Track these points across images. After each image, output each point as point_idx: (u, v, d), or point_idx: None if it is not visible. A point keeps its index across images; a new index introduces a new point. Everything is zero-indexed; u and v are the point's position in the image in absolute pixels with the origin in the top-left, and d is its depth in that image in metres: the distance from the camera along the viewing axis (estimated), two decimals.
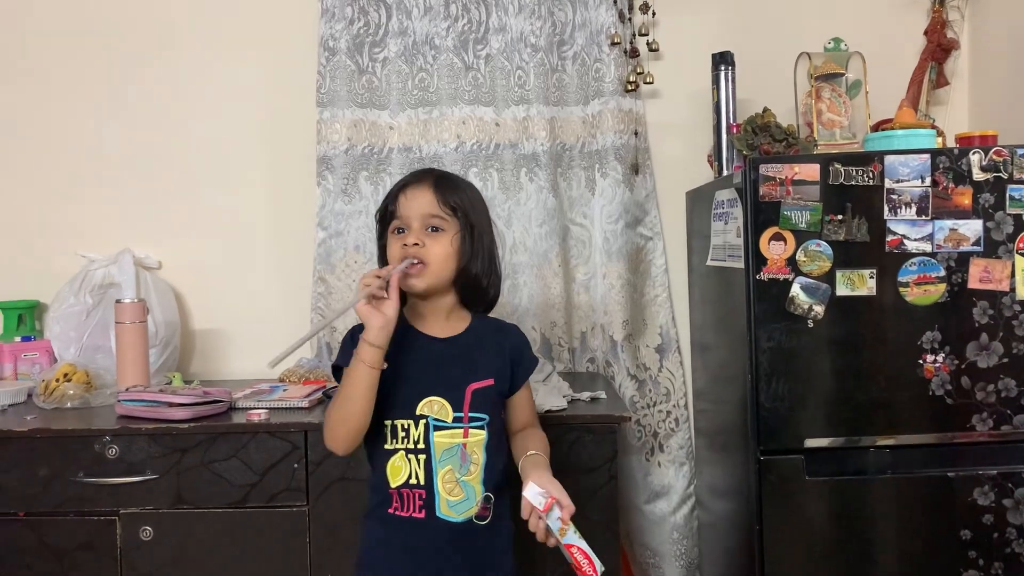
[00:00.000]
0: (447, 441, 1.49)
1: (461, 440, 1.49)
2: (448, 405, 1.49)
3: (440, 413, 1.49)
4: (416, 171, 1.62)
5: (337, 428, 1.45)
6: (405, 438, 1.49)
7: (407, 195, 1.52)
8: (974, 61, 2.58)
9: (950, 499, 1.92)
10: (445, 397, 1.50)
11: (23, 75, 2.60)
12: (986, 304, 1.90)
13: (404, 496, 1.49)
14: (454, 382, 1.50)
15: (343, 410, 1.44)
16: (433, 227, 1.51)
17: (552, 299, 2.53)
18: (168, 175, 2.61)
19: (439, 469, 1.48)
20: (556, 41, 2.53)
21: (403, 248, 1.49)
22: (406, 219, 1.51)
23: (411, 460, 1.48)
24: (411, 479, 1.48)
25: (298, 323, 2.55)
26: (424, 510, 1.48)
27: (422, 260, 1.48)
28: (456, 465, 1.49)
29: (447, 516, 1.48)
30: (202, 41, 2.60)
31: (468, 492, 1.50)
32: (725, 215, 2.08)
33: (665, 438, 2.59)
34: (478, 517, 1.51)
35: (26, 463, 1.93)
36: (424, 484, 1.48)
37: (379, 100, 2.54)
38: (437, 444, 1.48)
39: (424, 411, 1.49)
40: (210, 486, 1.94)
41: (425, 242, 1.49)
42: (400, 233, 1.51)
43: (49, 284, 2.51)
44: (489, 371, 1.55)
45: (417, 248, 1.48)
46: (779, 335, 1.91)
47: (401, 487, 1.49)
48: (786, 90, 2.27)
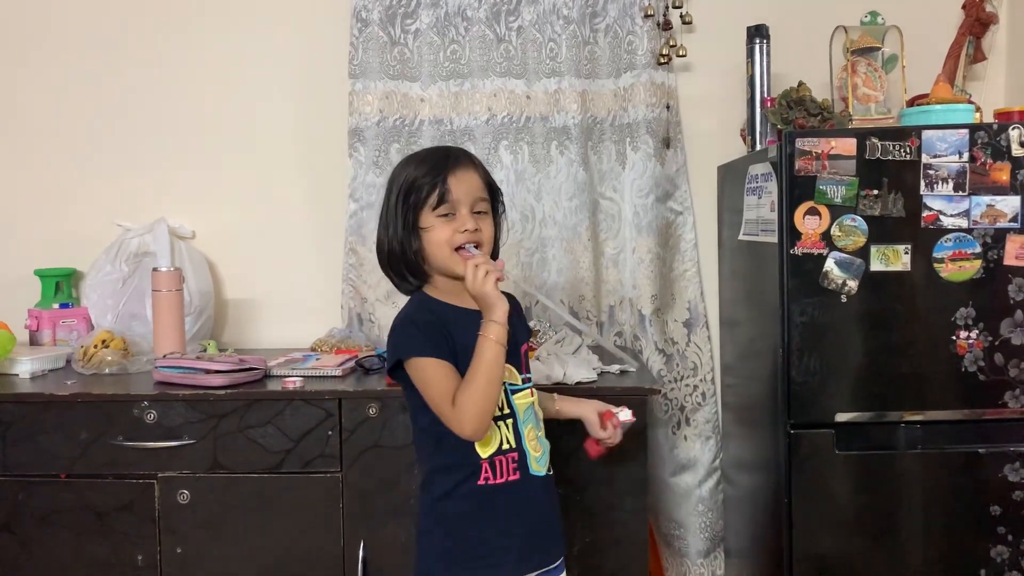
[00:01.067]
0: (524, 402, 1.54)
1: (531, 399, 1.56)
2: (514, 369, 1.54)
3: (511, 378, 1.53)
4: (447, 150, 1.57)
5: (486, 414, 1.43)
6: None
7: (458, 177, 1.49)
8: (1012, 36, 2.54)
9: (980, 475, 1.92)
10: (511, 362, 1.52)
11: (59, 46, 2.62)
12: (1022, 281, 1.89)
13: (496, 464, 1.50)
14: (514, 347, 1.52)
15: (490, 392, 1.42)
16: (479, 211, 1.51)
17: (581, 273, 2.54)
18: (202, 146, 2.63)
19: (524, 429, 1.53)
20: (588, 13, 2.52)
21: (463, 233, 1.47)
22: (457, 203, 1.48)
23: (500, 426, 1.51)
24: (503, 445, 1.50)
25: (329, 293, 2.59)
26: (518, 471, 1.51)
27: (480, 243, 1.50)
28: (534, 423, 1.56)
29: (537, 472, 1.53)
30: (236, 12, 2.60)
31: (544, 446, 1.57)
32: (759, 189, 2.08)
33: (692, 412, 2.60)
34: (549, 469, 1.58)
35: (67, 426, 1.98)
36: (515, 447, 1.52)
37: (411, 72, 2.54)
38: (518, 406, 1.53)
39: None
40: (246, 452, 1.97)
41: (480, 226, 1.50)
42: (447, 217, 1.49)
43: (86, 252, 2.55)
44: (524, 334, 1.61)
45: (477, 233, 1.49)
46: (812, 310, 1.91)
47: (495, 455, 1.50)
48: (821, 64, 2.25)
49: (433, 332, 1.46)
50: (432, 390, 1.45)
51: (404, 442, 1.94)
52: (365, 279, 2.55)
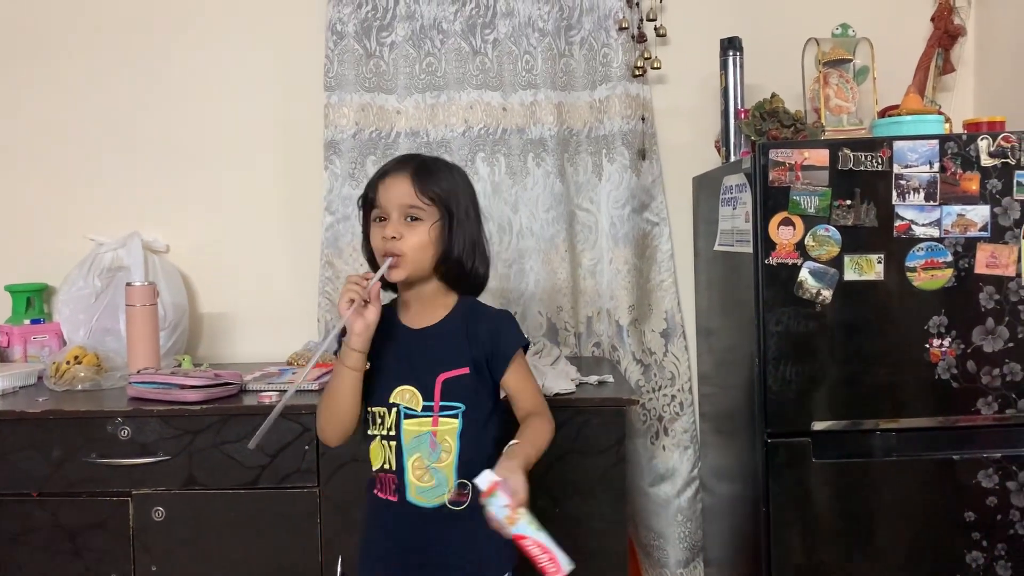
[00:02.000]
0: (415, 429, 1.50)
1: (430, 428, 1.50)
2: (418, 394, 1.51)
3: (410, 402, 1.51)
4: (398, 158, 1.60)
5: (326, 424, 1.53)
6: (381, 425, 1.53)
7: (386, 184, 1.52)
8: (980, 48, 2.59)
9: (955, 482, 1.94)
10: (416, 386, 1.51)
11: (31, 59, 2.60)
12: (992, 289, 1.92)
13: (381, 480, 1.55)
14: (425, 371, 1.51)
15: (331, 408, 1.51)
16: (411, 216, 1.50)
17: (558, 284, 2.55)
18: (176, 159, 2.61)
19: (408, 456, 1.51)
20: (564, 26, 2.53)
21: (383, 240, 1.49)
22: (385, 208, 1.51)
23: (385, 446, 1.52)
24: (385, 464, 1.53)
25: (306, 306, 2.57)
26: (396, 494, 1.52)
27: (397, 253, 1.48)
28: (425, 453, 1.50)
29: (417, 501, 1.51)
30: (211, 24, 2.59)
31: (439, 479, 1.50)
32: (733, 200, 2.09)
33: (670, 422, 2.61)
34: (453, 503, 1.51)
35: (39, 444, 1.95)
36: (395, 469, 1.51)
37: (387, 84, 2.54)
38: (406, 431, 1.51)
39: (396, 400, 1.51)
40: (222, 467, 1.95)
41: (403, 233, 1.49)
42: (380, 222, 1.52)
43: (58, 267, 2.53)
44: (464, 360, 1.53)
45: (395, 242, 1.48)
46: (787, 319, 1.92)
47: (378, 471, 1.55)
48: (794, 76, 2.27)
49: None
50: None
51: None
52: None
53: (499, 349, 1.55)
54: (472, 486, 1.46)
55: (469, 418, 1.51)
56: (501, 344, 1.55)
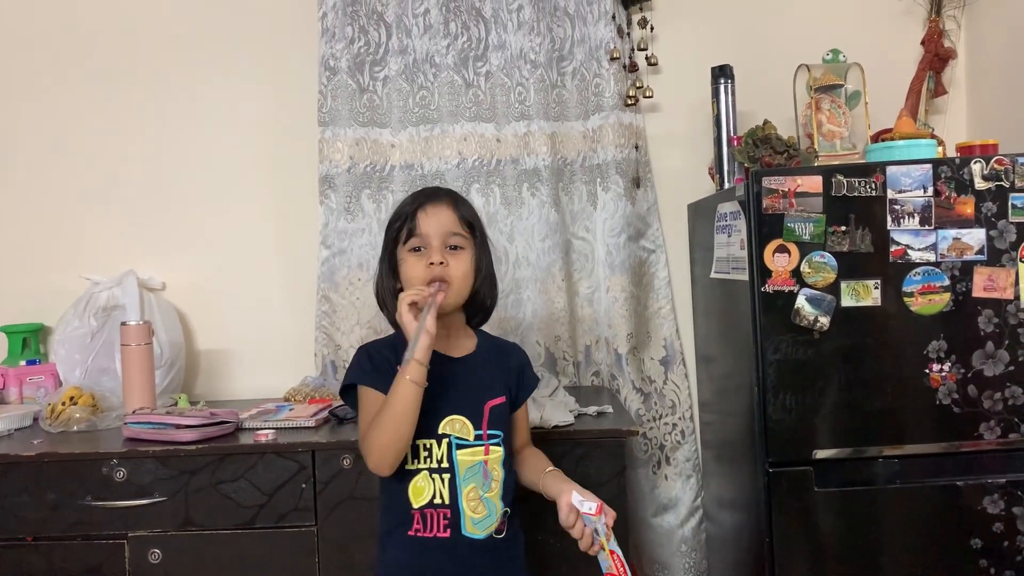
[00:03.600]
0: (470, 459, 1.50)
1: (483, 457, 1.51)
2: (469, 423, 1.51)
3: (462, 431, 1.50)
4: (426, 189, 1.62)
5: (387, 450, 1.43)
6: (428, 458, 1.49)
7: (427, 212, 1.52)
8: (971, 70, 2.60)
9: (959, 508, 1.92)
10: (466, 415, 1.51)
11: (26, 97, 2.61)
12: (991, 312, 1.91)
13: (427, 516, 1.49)
14: (473, 400, 1.51)
15: (394, 431, 1.41)
16: (453, 245, 1.52)
17: (556, 313, 2.54)
18: (170, 196, 2.61)
19: (463, 487, 1.49)
20: (555, 57, 2.55)
21: (428, 268, 1.48)
22: (427, 237, 1.51)
23: (435, 479, 1.49)
24: (435, 499, 1.49)
25: (302, 342, 2.56)
26: (449, 529, 1.48)
27: (447, 280, 1.49)
28: (479, 482, 1.50)
29: (471, 534, 1.49)
30: (204, 61, 2.61)
31: (490, 508, 1.51)
32: (728, 227, 2.09)
33: (672, 451, 2.59)
34: (496, 532, 1.52)
35: (34, 487, 1.93)
36: (449, 503, 1.48)
37: (380, 118, 2.55)
38: (460, 462, 1.49)
39: (446, 430, 1.50)
40: (218, 508, 1.93)
41: (448, 261, 1.50)
42: (418, 252, 1.51)
43: (53, 307, 2.52)
44: (502, 389, 1.57)
45: (443, 268, 1.48)
46: (785, 347, 1.91)
47: (424, 507, 1.49)
48: (786, 102, 2.28)
49: (380, 363, 1.50)
50: (360, 418, 1.50)
51: (379, 493, 1.91)
52: (338, 326, 2.53)
53: (524, 382, 1.64)
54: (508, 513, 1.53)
55: (506, 445, 1.55)
56: (526, 376, 1.65)
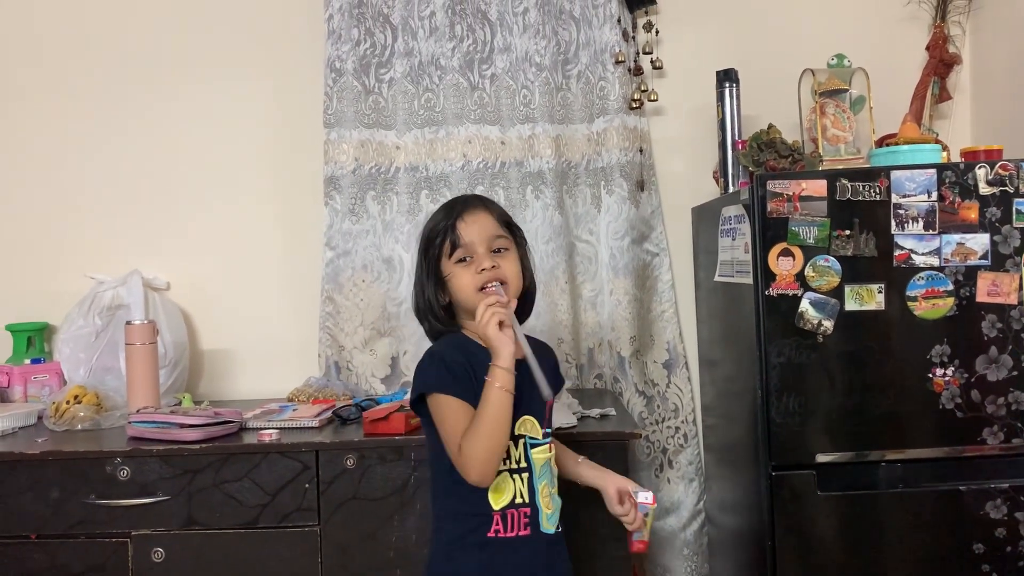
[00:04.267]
0: (542, 457, 1.53)
1: (549, 455, 1.55)
2: (536, 423, 1.53)
3: (532, 431, 1.52)
4: (456, 199, 1.60)
5: (491, 461, 1.43)
6: (507, 459, 1.49)
7: (466, 221, 1.51)
8: (976, 75, 2.60)
9: (962, 513, 1.92)
10: (533, 414, 1.53)
11: (31, 97, 2.62)
12: (995, 317, 1.91)
13: (508, 517, 1.50)
14: (537, 400, 1.50)
15: (493, 441, 1.42)
16: (497, 248, 1.52)
17: (559, 316, 2.54)
18: (176, 197, 2.62)
19: (539, 485, 1.52)
20: (560, 60, 2.55)
21: (480, 274, 1.48)
22: (471, 245, 1.50)
23: (515, 479, 1.50)
24: (516, 498, 1.50)
25: (307, 342, 2.57)
26: (529, 527, 1.50)
27: (504, 279, 1.49)
28: (549, 479, 1.55)
29: (546, 529, 1.53)
30: (211, 63, 2.62)
31: (555, 503, 1.56)
32: (732, 231, 2.09)
33: (674, 454, 2.59)
34: (558, 526, 1.56)
35: (38, 485, 1.94)
36: (528, 502, 1.51)
37: (386, 120, 2.55)
38: (536, 461, 1.52)
39: (521, 430, 1.51)
40: (221, 507, 1.94)
41: (499, 263, 1.50)
42: (465, 262, 1.50)
43: (58, 306, 2.53)
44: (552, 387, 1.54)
45: (495, 271, 1.49)
46: (789, 350, 1.91)
47: (506, 508, 1.49)
48: (790, 106, 2.28)
49: (458, 370, 1.48)
50: (445, 429, 1.47)
51: (383, 494, 1.92)
52: (342, 327, 2.54)
53: (559, 380, 1.69)
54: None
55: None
56: (558, 375, 1.70)
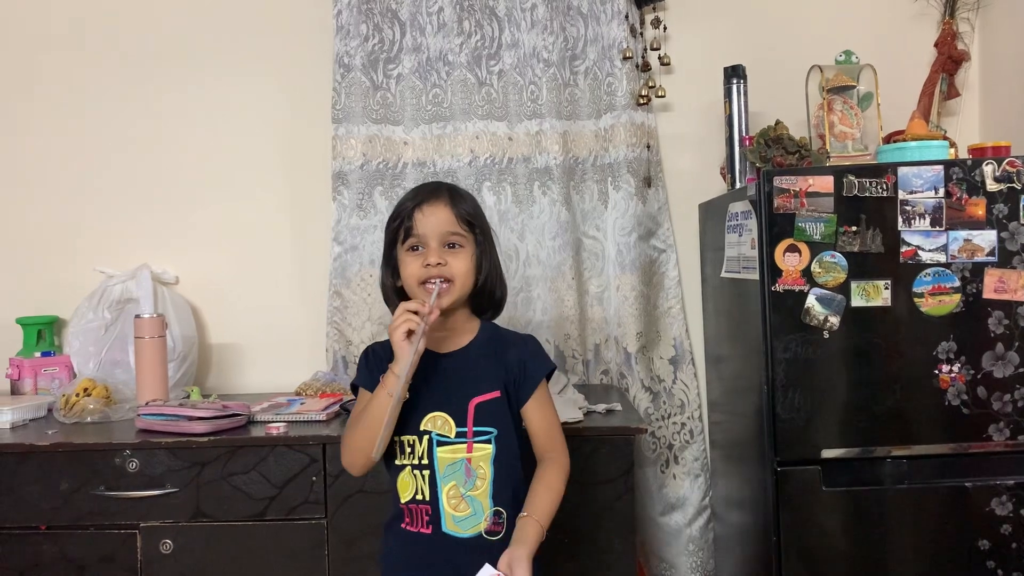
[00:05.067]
0: (450, 456, 1.49)
1: (465, 455, 1.49)
2: (451, 420, 1.50)
3: (443, 428, 1.49)
4: (425, 185, 1.61)
5: (356, 453, 1.47)
6: (411, 454, 1.50)
7: (424, 212, 1.51)
8: (984, 72, 2.59)
9: (968, 509, 1.92)
10: (448, 412, 1.50)
11: (41, 93, 2.64)
12: (1001, 314, 1.91)
13: (412, 511, 1.50)
14: (457, 396, 1.50)
15: (364, 436, 1.44)
16: (451, 243, 1.51)
17: (566, 312, 2.55)
18: (185, 191, 2.64)
19: (443, 484, 1.48)
20: (568, 56, 2.55)
21: (425, 268, 1.48)
22: (424, 237, 1.50)
23: (416, 476, 1.49)
24: (417, 495, 1.50)
25: (314, 337, 2.58)
26: (430, 525, 1.49)
27: (447, 278, 1.49)
28: (460, 480, 1.49)
29: (453, 532, 1.48)
30: (219, 58, 2.63)
31: (475, 507, 1.49)
32: (739, 227, 2.09)
33: (680, 450, 2.59)
34: (488, 532, 1.49)
35: (48, 477, 1.95)
36: (429, 500, 1.49)
37: (393, 116, 2.56)
38: (440, 459, 1.49)
39: (427, 427, 1.50)
40: (229, 499, 1.95)
41: (446, 260, 1.49)
42: (416, 251, 1.51)
43: (68, 300, 2.54)
44: (495, 383, 1.53)
45: (441, 268, 1.48)
46: (795, 346, 1.92)
47: (409, 503, 1.50)
48: (798, 103, 2.28)
49: (378, 365, 1.52)
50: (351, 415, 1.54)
51: (389, 487, 1.92)
52: (350, 321, 2.55)
53: (526, 376, 1.55)
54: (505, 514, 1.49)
55: (501, 443, 1.51)
56: (529, 369, 1.55)
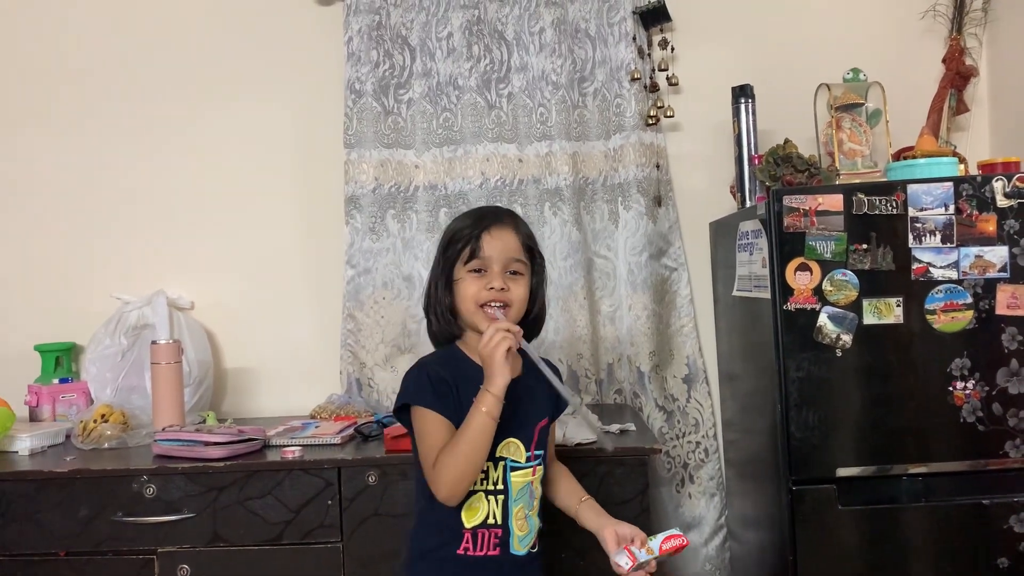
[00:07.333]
0: (521, 480, 1.52)
1: (531, 478, 1.54)
2: (521, 446, 1.53)
3: (515, 454, 1.52)
4: (488, 210, 1.62)
5: (462, 482, 1.43)
6: (484, 480, 1.50)
7: (492, 235, 1.52)
8: (993, 87, 2.60)
9: (985, 527, 1.90)
10: (519, 438, 1.52)
11: (57, 119, 2.67)
12: (1015, 330, 1.90)
13: (479, 536, 1.50)
14: (525, 422, 1.52)
15: (468, 463, 1.41)
16: (513, 271, 1.53)
17: (578, 331, 2.55)
18: (199, 217, 2.66)
19: (514, 508, 1.51)
20: (577, 78, 2.58)
21: (488, 291, 1.49)
22: (489, 260, 1.51)
23: (490, 500, 1.50)
24: (488, 519, 1.50)
25: (328, 360, 2.60)
26: (499, 548, 1.51)
27: (508, 303, 1.50)
28: (527, 502, 1.53)
29: (516, 551, 1.52)
30: (232, 85, 2.66)
31: (531, 525, 1.55)
32: (750, 246, 2.10)
33: (695, 469, 2.59)
34: (534, 548, 1.56)
35: (66, 503, 1.97)
36: (501, 523, 1.51)
37: (405, 140, 2.59)
38: (514, 484, 1.52)
39: (503, 453, 1.51)
40: (246, 524, 1.96)
41: (509, 286, 1.51)
42: (479, 273, 1.52)
43: (85, 326, 2.57)
44: (547, 409, 1.59)
45: (503, 293, 1.50)
46: (808, 364, 1.92)
47: (477, 527, 1.50)
48: (806, 121, 2.29)
49: (441, 385, 1.49)
50: (422, 442, 1.48)
51: (405, 510, 1.93)
52: (364, 344, 2.56)
53: (561, 400, 1.59)
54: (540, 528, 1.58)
55: (544, 464, 1.58)
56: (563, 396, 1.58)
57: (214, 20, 2.66)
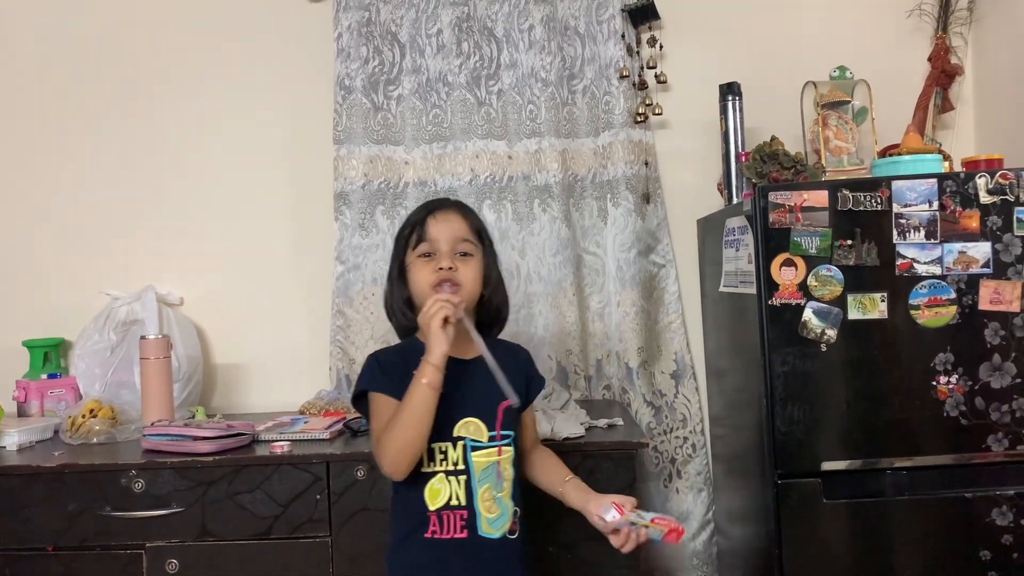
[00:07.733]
0: (484, 460, 1.54)
1: (496, 458, 1.54)
2: (483, 425, 1.54)
3: (476, 433, 1.54)
4: (435, 199, 1.68)
5: (401, 453, 1.46)
6: (443, 460, 1.53)
7: (436, 219, 1.57)
8: (978, 86, 2.62)
9: (968, 520, 1.92)
10: (479, 417, 1.54)
11: (45, 115, 2.67)
12: (997, 325, 1.92)
13: (444, 518, 1.52)
14: (486, 402, 1.54)
15: (408, 435, 1.45)
16: (462, 252, 1.56)
17: (567, 327, 2.57)
18: (189, 214, 2.67)
19: (478, 488, 1.53)
20: (566, 75, 2.59)
21: (437, 272, 1.53)
22: (436, 243, 1.56)
23: (451, 481, 1.52)
24: (451, 500, 1.52)
25: (318, 356, 2.60)
26: (466, 530, 1.52)
27: (457, 283, 1.53)
28: (492, 483, 1.54)
29: (487, 533, 1.53)
30: (222, 81, 2.67)
31: (503, 508, 1.55)
32: (736, 242, 2.12)
33: (683, 464, 2.60)
34: (510, 532, 1.56)
35: (54, 498, 1.97)
36: (465, 504, 1.52)
37: (394, 136, 2.59)
38: (476, 464, 1.53)
39: (461, 432, 1.53)
40: (234, 518, 1.96)
41: (457, 266, 1.54)
42: (428, 257, 1.56)
43: (74, 322, 2.57)
44: (526, 387, 1.63)
45: (452, 272, 1.53)
46: (793, 359, 1.93)
47: (441, 509, 1.52)
48: (793, 118, 2.31)
49: (391, 370, 1.54)
50: (372, 423, 1.54)
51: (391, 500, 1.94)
52: (353, 340, 2.57)
53: (535, 380, 1.69)
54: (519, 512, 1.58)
55: (516, 445, 1.59)
56: (535, 376, 1.70)
57: (203, 17, 2.66)
